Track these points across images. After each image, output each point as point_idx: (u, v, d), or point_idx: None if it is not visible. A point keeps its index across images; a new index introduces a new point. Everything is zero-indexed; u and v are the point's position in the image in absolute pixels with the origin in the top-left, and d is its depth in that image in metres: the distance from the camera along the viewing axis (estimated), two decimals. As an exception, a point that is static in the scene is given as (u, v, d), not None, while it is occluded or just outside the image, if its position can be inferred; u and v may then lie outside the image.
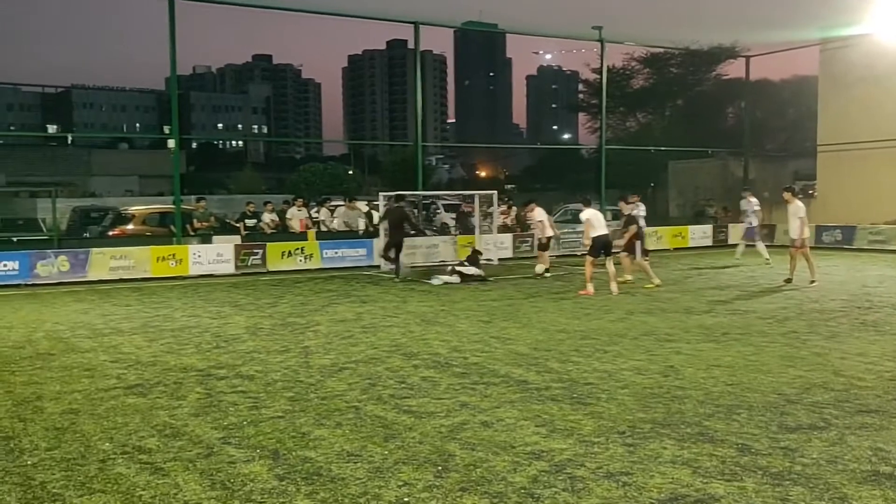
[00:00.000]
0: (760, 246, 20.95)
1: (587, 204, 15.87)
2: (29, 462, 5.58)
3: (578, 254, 20.86)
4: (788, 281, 16.23)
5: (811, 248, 17.06)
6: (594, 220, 15.17)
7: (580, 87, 67.44)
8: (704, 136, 39.57)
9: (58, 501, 4.85)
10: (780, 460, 5.38)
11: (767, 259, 20.25)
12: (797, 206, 16.36)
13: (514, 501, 4.70)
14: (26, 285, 17.45)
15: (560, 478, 5.07)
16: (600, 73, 29.62)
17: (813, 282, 15.98)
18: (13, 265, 17.73)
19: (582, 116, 61.56)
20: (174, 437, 6.12)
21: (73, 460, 5.60)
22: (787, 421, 6.33)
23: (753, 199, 21.47)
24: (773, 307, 12.93)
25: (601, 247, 15.12)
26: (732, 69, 45.41)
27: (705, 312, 12.46)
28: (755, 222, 21.34)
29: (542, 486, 4.92)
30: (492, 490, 4.88)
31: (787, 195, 16.73)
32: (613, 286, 15.01)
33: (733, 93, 43.02)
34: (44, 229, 24.78)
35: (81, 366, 8.96)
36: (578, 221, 17.00)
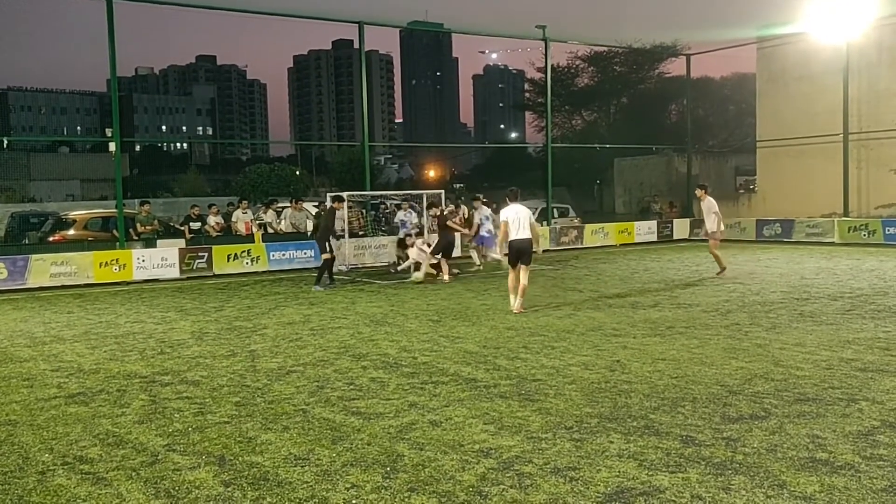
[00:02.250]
0: None
1: (513, 198, 12.83)
2: (-35, 476, 5.42)
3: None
4: (724, 270, 16.67)
5: (747, 241, 17.48)
6: (513, 221, 12.38)
7: (526, 85, 67.96)
8: (649, 133, 40.23)
9: (-4, 515, 4.73)
10: (722, 450, 5.48)
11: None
12: (710, 202, 16.90)
13: (462, 500, 4.72)
14: (-38, 294, 16.96)
15: (508, 475, 5.10)
16: (545, 71, 29.83)
17: (721, 272, 16.66)
18: (-52, 273, 17.21)
19: (528, 115, 62.09)
20: (117, 445, 6.01)
21: (11, 473, 5.45)
22: (729, 412, 6.45)
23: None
24: (716, 300, 13.18)
25: (516, 254, 12.43)
26: (674, 67, 46.28)
27: (651, 307, 12.64)
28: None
29: (490, 484, 4.95)
30: (440, 489, 4.89)
31: (700, 192, 17.26)
32: (516, 301, 12.50)
33: (676, 90, 43.79)
34: None
35: (20, 375, 8.73)
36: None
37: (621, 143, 38.67)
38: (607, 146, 40.66)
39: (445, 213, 19.30)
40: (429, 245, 18.16)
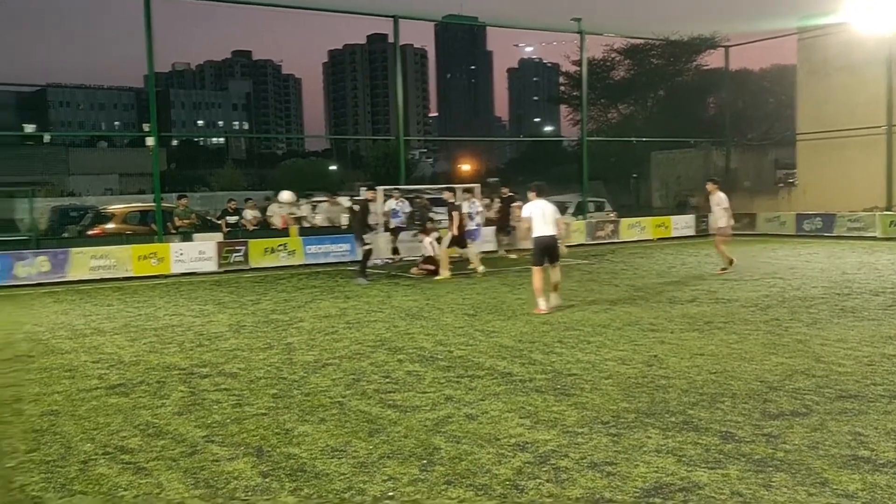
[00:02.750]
0: None
1: (538, 193, 12.16)
2: (8, 465, 5.53)
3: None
4: (731, 263, 16.50)
5: (787, 236, 17.23)
6: (537, 217, 11.91)
7: (561, 79, 67.57)
8: (686, 126, 39.79)
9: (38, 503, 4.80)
10: (762, 447, 5.41)
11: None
12: (721, 197, 16.73)
13: (498, 493, 4.71)
14: (5, 287, 17.28)
15: (544, 469, 5.08)
16: (581, 65, 29.64)
17: (725, 269, 16.39)
18: (-8, 267, 17.56)
19: (563, 108, 61.76)
20: (157, 436, 6.09)
21: (54, 462, 5.55)
22: (769, 408, 6.36)
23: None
24: (755, 295, 13.00)
25: (541, 251, 12.02)
26: (713, 59, 45.66)
27: (689, 302, 12.51)
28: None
29: (526, 478, 4.93)
30: (477, 482, 4.88)
31: (711, 186, 17.09)
32: (551, 301, 11.96)
33: (714, 83, 43.24)
34: (22, 230, 24.56)
35: (62, 367, 8.88)
36: None
37: (658, 136, 38.35)
38: (644, 139, 40.34)
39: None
40: (439, 240, 18.04)
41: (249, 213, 22.50)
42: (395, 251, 20.60)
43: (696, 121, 45.54)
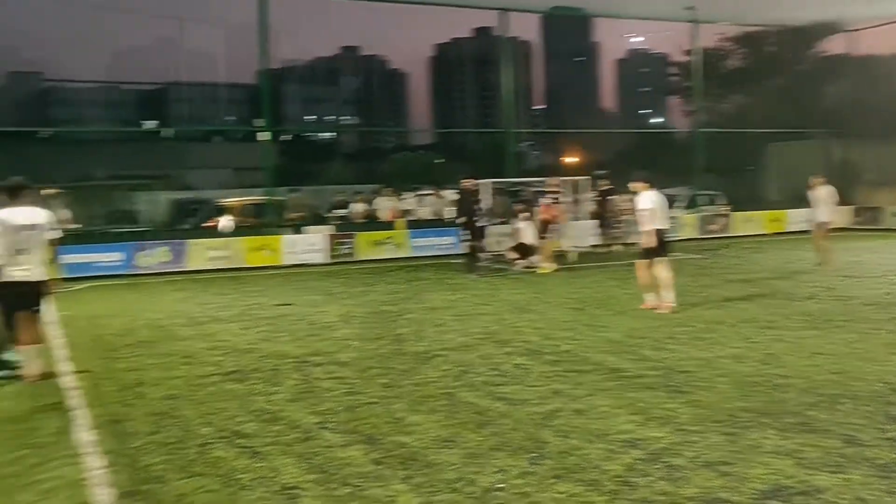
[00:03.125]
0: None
1: (648, 185, 11.64)
2: (134, 445, 5.81)
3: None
4: (829, 263, 15.85)
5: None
6: (654, 208, 11.36)
7: (671, 69, 65.93)
8: (805, 116, 38.17)
9: (161, 483, 5.03)
10: (887, 452, 5.15)
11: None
12: (827, 192, 16.41)
13: (609, 489, 4.65)
14: (128, 276, 18.17)
15: (656, 466, 4.98)
16: (693, 54, 28.86)
17: (821, 264, 15.87)
18: (116, 256, 18.51)
19: (674, 100, 60.23)
20: (272, 421, 6.28)
21: (174, 444, 5.80)
22: (893, 411, 6.06)
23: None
24: (877, 293, 12.38)
25: (657, 245, 11.42)
26: (834, 45, 43.58)
27: (806, 299, 12.03)
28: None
29: (638, 475, 4.85)
30: (586, 478, 4.83)
31: (817, 180, 16.74)
32: (664, 298, 11.37)
33: (835, 70, 41.31)
34: (142, 222, 25.76)
35: (180, 353, 9.28)
36: None
37: (775, 127, 36.93)
38: (759, 131, 38.92)
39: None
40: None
41: (358, 207, 22.90)
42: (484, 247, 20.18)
43: (816, 111, 43.61)
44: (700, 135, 28.24)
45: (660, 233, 11.42)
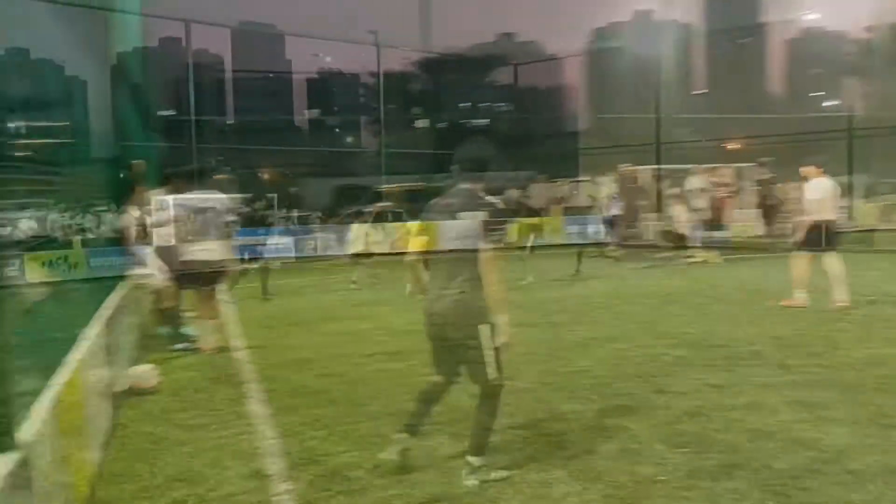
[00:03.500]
0: None
1: (821, 171, 10.78)
2: (300, 421, 6.08)
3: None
4: None
5: None
6: (822, 197, 10.50)
7: (849, 48, 61.97)
8: None
9: (327, 456, 5.23)
10: None
11: None
12: None
13: (778, 490, 4.44)
14: (295, 259, 18.95)
15: (833, 468, 4.70)
16: (873, 30, 26.99)
17: None
18: (284, 241, 19.43)
19: (853, 81, 56.58)
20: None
21: (337, 420, 6.03)
22: None
23: None
24: None
25: (819, 237, 10.47)
26: None
27: None
28: None
29: (810, 476, 4.60)
30: (756, 477, 4.62)
31: None
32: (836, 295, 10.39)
33: None
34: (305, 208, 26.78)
35: (344, 332, 9.62)
36: None
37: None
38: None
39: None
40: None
41: (514, 193, 22.92)
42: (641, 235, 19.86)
43: None
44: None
45: (829, 224, 10.57)
